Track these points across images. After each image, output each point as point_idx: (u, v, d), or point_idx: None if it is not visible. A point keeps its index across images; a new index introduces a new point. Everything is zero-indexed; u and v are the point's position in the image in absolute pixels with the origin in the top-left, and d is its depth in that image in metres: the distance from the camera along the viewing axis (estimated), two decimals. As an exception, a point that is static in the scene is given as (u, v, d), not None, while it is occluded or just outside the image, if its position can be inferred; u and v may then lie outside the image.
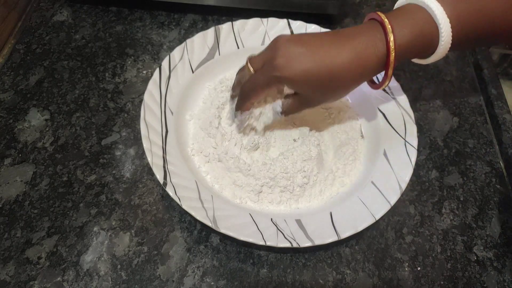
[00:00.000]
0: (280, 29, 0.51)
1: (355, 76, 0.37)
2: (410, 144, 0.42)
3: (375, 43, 0.35)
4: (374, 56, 0.36)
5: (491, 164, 0.48)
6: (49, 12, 0.59)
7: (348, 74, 0.36)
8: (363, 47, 0.35)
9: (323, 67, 0.35)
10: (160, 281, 0.39)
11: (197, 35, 0.49)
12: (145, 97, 0.44)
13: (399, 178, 0.40)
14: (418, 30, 0.35)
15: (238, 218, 0.38)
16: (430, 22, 0.35)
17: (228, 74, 0.50)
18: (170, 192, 0.38)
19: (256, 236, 0.37)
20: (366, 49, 0.35)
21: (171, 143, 0.42)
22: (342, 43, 0.36)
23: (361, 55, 0.35)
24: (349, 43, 0.36)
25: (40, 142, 0.47)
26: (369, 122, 0.46)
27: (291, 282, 0.39)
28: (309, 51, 0.35)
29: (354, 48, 0.35)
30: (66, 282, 0.38)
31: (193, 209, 0.37)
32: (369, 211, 0.38)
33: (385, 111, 0.46)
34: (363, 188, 0.41)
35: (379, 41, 0.35)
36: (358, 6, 0.63)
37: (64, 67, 0.54)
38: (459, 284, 0.40)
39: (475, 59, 0.57)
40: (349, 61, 0.35)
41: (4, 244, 0.40)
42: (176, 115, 0.45)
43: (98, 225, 0.42)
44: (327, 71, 0.35)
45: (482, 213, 0.45)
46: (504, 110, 0.52)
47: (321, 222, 0.38)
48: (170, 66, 0.47)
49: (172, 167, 0.40)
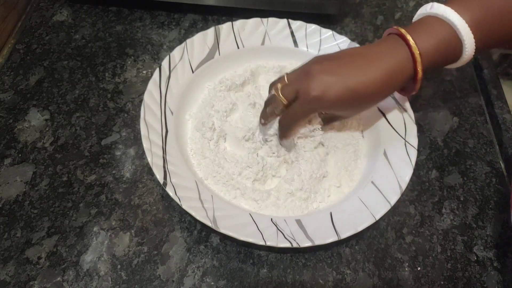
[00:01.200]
0: (280, 29, 0.51)
1: (385, 92, 0.38)
2: (410, 144, 0.42)
3: (401, 60, 0.37)
4: (402, 72, 0.37)
5: (491, 164, 0.48)
6: (49, 12, 0.59)
7: (379, 92, 0.38)
8: (390, 66, 0.37)
9: (355, 92, 0.36)
10: (160, 281, 0.39)
11: (197, 35, 0.49)
12: (145, 97, 0.44)
13: (399, 178, 0.40)
14: (442, 42, 0.36)
15: (238, 218, 0.38)
16: (452, 33, 0.36)
17: (227, 74, 0.50)
18: (170, 192, 0.38)
19: (256, 236, 0.37)
20: (394, 67, 0.37)
21: (171, 143, 0.42)
22: (371, 65, 0.37)
23: (389, 74, 0.37)
24: (377, 64, 0.37)
25: (40, 142, 0.47)
26: (369, 122, 0.46)
27: (291, 282, 0.39)
28: (341, 79, 0.36)
29: (382, 68, 0.37)
30: (66, 282, 0.38)
31: (193, 209, 0.37)
32: (369, 211, 0.38)
33: (385, 111, 0.46)
34: (363, 188, 0.41)
35: (405, 57, 0.36)
36: (358, 6, 0.63)
37: (64, 67, 0.54)
38: (459, 284, 0.40)
39: (475, 59, 0.57)
40: (379, 82, 0.37)
41: (4, 244, 0.40)
42: (176, 115, 0.45)
43: (98, 225, 0.42)
44: (359, 94, 0.37)
45: (482, 213, 0.45)
46: (504, 110, 0.52)
47: (321, 222, 0.38)
48: (170, 66, 0.47)
49: (172, 167, 0.40)
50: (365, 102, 0.39)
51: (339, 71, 0.37)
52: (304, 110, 0.38)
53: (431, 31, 0.36)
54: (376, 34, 0.59)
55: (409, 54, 0.36)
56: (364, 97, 0.37)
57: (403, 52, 0.36)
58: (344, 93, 0.36)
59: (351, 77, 0.36)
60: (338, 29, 0.59)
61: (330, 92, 0.36)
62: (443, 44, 0.36)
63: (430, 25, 0.37)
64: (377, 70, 0.36)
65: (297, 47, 0.51)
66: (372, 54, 0.37)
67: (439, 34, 0.36)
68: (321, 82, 0.36)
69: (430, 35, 0.36)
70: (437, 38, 0.36)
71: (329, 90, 0.36)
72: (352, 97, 0.37)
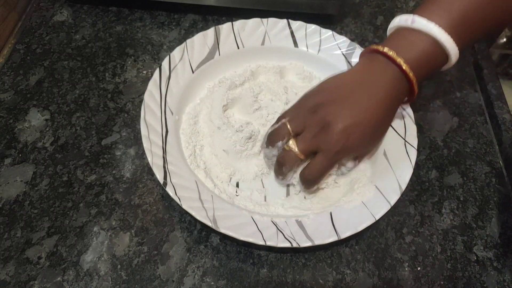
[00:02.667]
0: (280, 29, 0.51)
1: (393, 112, 0.39)
2: (410, 144, 0.42)
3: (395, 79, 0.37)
4: (399, 88, 0.37)
5: (491, 164, 0.48)
6: (49, 12, 0.59)
7: (388, 115, 0.39)
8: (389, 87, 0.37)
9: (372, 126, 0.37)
10: (160, 281, 0.39)
11: (197, 35, 0.49)
12: (145, 97, 0.44)
13: (399, 179, 0.40)
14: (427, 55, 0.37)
15: (238, 218, 0.38)
16: (435, 45, 0.36)
17: (227, 73, 0.50)
18: (170, 192, 0.38)
19: (256, 236, 0.37)
20: (391, 87, 0.37)
21: (171, 143, 0.42)
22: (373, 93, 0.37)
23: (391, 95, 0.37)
24: (377, 90, 0.37)
25: (40, 142, 0.47)
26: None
27: (291, 282, 0.39)
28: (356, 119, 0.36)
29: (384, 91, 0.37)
30: (66, 282, 0.38)
31: (193, 209, 0.37)
32: (369, 211, 0.38)
33: None
34: (363, 188, 0.41)
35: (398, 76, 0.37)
36: (358, 6, 0.63)
37: (64, 67, 0.54)
38: (459, 284, 0.40)
39: (475, 59, 0.57)
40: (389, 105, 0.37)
41: (4, 244, 0.40)
42: (176, 115, 0.45)
43: (98, 225, 0.42)
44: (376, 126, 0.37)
45: (482, 213, 0.45)
46: (504, 110, 0.52)
47: (321, 222, 0.38)
48: (170, 66, 0.47)
49: (172, 167, 0.40)
50: (380, 131, 0.39)
51: (350, 111, 0.36)
52: (332, 162, 0.38)
53: (415, 46, 0.36)
54: (376, 34, 0.59)
55: (401, 73, 0.37)
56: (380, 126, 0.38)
57: (395, 71, 0.37)
58: (364, 131, 0.36)
59: (362, 113, 0.36)
60: (338, 29, 0.59)
61: (352, 138, 0.36)
62: (429, 57, 0.37)
63: (412, 40, 0.37)
64: (380, 94, 0.37)
65: (297, 47, 0.51)
66: (368, 81, 0.37)
67: (423, 48, 0.36)
68: (341, 130, 0.36)
69: (415, 51, 0.36)
70: (423, 52, 0.36)
71: (351, 136, 0.36)
72: (371, 132, 0.37)
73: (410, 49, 0.36)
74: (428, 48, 0.36)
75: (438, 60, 0.38)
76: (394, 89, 0.37)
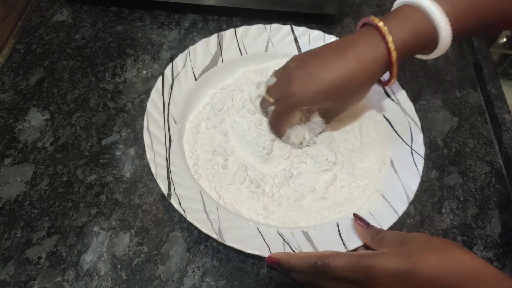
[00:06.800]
0: (283, 35, 0.50)
1: (363, 81, 0.38)
2: (417, 152, 0.42)
3: (374, 47, 0.37)
4: (376, 59, 0.37)
5: (491, 164, 0.48)
6: (49, 12, 0.59)
7: (356, 81, 0.38)
8: (363, 53, 0.37)
9: (330, 83, 0.37)
10: (160, 281, 0.39)
11: (199, 42, 0.48)
12: (148, 106, 0.43)
13: (407, 188, 0.40)
14: (416, 28, 0.36)
15: (244, 230, 0.37)
16: (428, 23, 0.36)
17: (230, 80, 0.49)
18: (175, 203, 0.37)
19: (263, 248, 0.36)
20: (367, 54, 0.37)
21: (175, 152, 0.41)
22: (343, 54, 0.37)
23: (363, 61, 0.37)
24: (349, 53, 0.37)
25: (40, 142, 0.47)
26: (375, 130, 0.46)
27: (291, 282, 0.39)
28: (315, 72, 0.37)
29: (355, 57, 0.37)
30: (66, 282, 0.38)
31: (198, 221, 0.36)
32: (377, 222, 0.38)
33: (391, 118, 0.45)
34: (370, 198, 0.41)
35: (378, 44, 0.36)
36: (358, 6, 0.63)
37: (64, 67, 0.54)
38: (459, 284, 0.40)
39: (475, 59, 0.57)
40: (353, 70, 0.37)
41: (4, 244, 0.40)
42: (179, 124, 0.44)
43: (98, 225, 0.42)
44: (335, 85, 0.37)
45: (482, 213, 0.45)
46: (504, 110, 0.51)
47: (328, 234, 0.38)
48: (173, 74, 0.46)
49: (176, 178, 0.39)
50: (345, 93, 0.39)
51: (314, 64, 0.38)
52: (285, 107, 0.40)
53: (407, 20, 0.36)
54: (376, 34, 0.59)
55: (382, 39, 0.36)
56: (343, 87, 0.37)
57: (377, 41, 0.36)
58: (321, 86, 0.37)
59: (325, 70, 0.37)
60: (338, 29, 0.59)
61: (306, 87, 0.37)
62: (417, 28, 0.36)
63: (407, 14, 0.36)
64: (352, 58, 0.37)
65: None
66: (347, 44, 0.38)
67: (415, 24, 0.36)
68: (297, 78, 0.38)
69: (406, 24, 0.36)
70: (413, 27, 0.36)
71: (305, 84, 0.37)
72: (330, 89, 0.37)
73: (400, 20, 0.36)
74: (419, 23, 0.36)
75: (427, 38, 0.37)
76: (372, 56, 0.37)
